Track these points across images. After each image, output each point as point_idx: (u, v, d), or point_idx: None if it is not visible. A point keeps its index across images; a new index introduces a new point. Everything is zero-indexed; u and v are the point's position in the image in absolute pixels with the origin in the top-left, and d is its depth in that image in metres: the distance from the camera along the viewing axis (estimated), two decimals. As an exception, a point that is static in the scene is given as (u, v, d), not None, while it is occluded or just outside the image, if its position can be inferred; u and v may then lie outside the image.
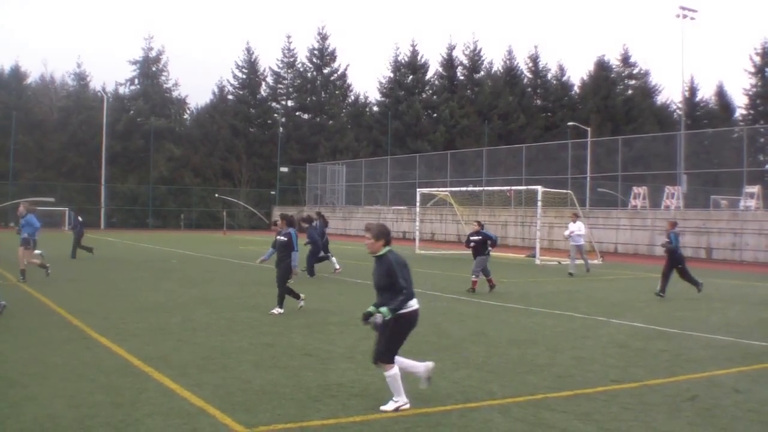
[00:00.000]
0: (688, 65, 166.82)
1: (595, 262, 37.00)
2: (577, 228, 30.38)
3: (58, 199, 70.51)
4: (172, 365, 11.08)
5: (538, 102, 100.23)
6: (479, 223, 23.47)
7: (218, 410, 8.68)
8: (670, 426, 8.44)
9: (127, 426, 8.02)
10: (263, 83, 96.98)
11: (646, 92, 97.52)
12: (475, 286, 22.25)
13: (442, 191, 50.63)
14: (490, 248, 22.75)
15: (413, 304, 8.91)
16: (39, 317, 15.71)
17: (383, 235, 9.10)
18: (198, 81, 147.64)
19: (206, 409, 8.76)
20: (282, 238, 17.19)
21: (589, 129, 64.82)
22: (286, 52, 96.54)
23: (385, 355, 8.86)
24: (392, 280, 8.80)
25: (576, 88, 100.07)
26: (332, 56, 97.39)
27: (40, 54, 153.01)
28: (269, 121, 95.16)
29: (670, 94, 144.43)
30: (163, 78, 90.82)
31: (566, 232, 31.11)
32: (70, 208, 45.01)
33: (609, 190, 57.02)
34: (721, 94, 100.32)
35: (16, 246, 23.87)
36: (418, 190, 49.15)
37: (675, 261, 22.23)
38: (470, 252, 23.14)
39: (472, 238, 23.01)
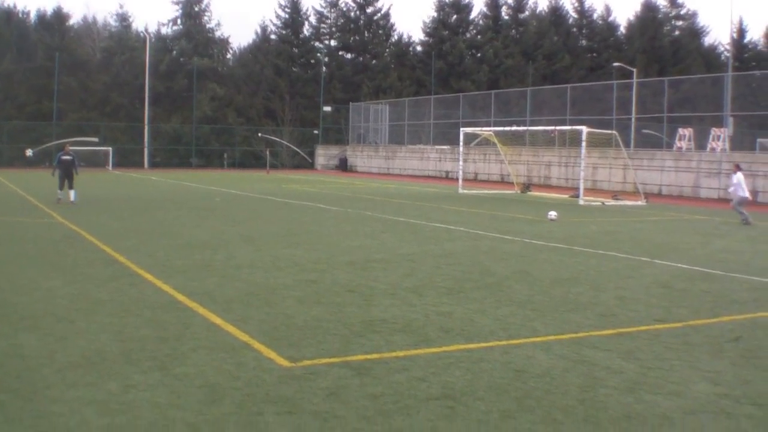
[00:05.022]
0: (737, 6, 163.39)
1: (639, 203, 36.80)
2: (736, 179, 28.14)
3: (101, 140, 71.12)
4: (216, 301, 11.19)
5: (584, 42, 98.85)
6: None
7: (263, 345, 8.78)
8: (713, 366, 8.40)
9: (173, 360, 8.13)
10: (306, 23, 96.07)
11: (694, 33, 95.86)
12: None
13: (486, 131, 50.30)
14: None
15: None
16: (85, 254, 15.89)
17: None
18: (240, 21, 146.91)
19: (251, 343, 8.86)
20: None
21: (634, 70, 63.81)
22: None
23: None
24: None
25: (622, 29, 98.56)
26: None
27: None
28: (312, 61, 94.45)
29: (718, 35, 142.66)
30: (206, 18, 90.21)
31: (730, 188, 28.42)
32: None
33: (654, 131, 56.37)
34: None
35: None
36: (461, 129, 48.71)
37: None
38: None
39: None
